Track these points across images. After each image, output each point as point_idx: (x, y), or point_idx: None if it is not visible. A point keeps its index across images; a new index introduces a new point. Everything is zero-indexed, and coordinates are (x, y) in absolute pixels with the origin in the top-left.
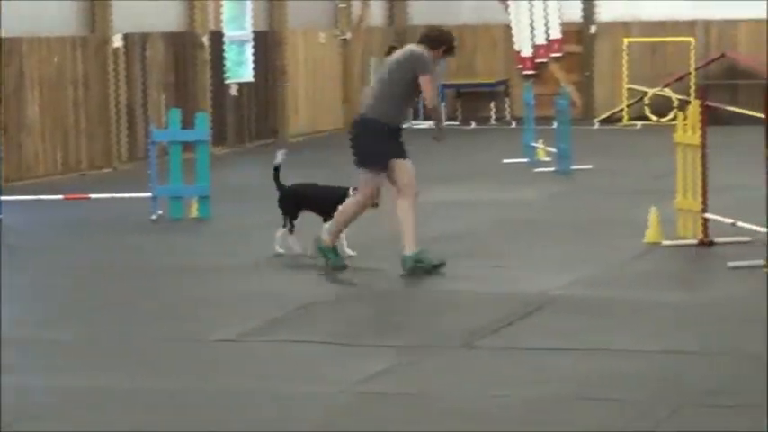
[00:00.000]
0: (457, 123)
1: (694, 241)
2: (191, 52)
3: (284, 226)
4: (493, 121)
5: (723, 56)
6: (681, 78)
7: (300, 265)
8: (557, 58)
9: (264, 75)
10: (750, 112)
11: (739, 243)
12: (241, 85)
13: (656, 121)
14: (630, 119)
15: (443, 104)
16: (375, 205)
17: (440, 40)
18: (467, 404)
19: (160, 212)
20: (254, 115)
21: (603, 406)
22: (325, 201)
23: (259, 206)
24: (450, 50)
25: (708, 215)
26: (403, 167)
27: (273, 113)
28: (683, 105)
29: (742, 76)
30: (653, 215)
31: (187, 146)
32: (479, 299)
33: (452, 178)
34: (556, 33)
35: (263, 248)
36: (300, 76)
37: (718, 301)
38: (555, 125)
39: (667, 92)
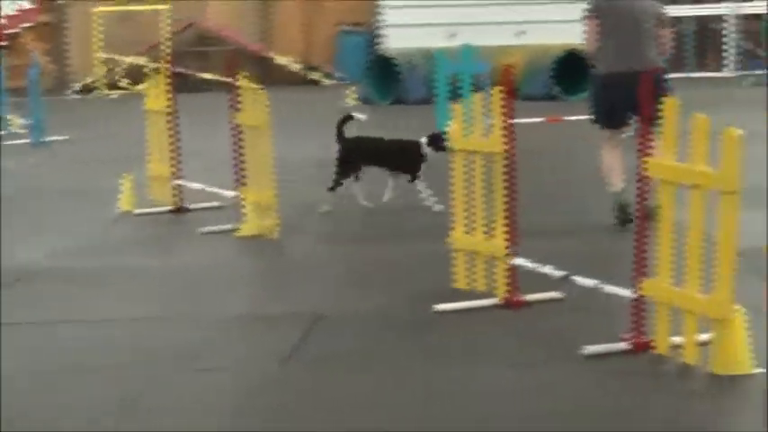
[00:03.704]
0: None
1: (168, 208)
2: None
3: (339, 182)
4: None
5: (191, 25)
6: (155, 46)
7: None
8: (29, 28)
9: None
10: (220, 77)
11: (212, 208)
12: None
13: (131, 90)
14: (108, 88)
15: None
16: None
17: None
18: None
19: None
20: None
21: (93, 375)
22: (393, 154)
23: None
24: None
25: (179, 181)
26: None
27: None
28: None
29: (213, 43)
30: (126, 183)
31: None
32: None
33: None
34: (28, 3)
35: None
36: None
37: (188, 267)
38: (28, 96)
39: (141, 60)
